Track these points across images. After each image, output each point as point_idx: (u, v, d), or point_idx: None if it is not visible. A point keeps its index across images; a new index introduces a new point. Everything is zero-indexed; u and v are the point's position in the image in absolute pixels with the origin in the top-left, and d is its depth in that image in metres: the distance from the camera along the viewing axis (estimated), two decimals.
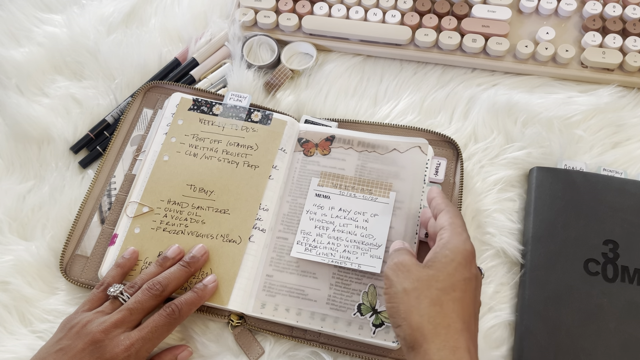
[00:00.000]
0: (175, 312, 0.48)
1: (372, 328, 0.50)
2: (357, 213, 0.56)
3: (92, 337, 0.46)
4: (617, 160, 0.60)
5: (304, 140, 0.61)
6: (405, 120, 0.64)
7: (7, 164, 0.63)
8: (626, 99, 0.64)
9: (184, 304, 0.49)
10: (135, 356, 0.46)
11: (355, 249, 0.54)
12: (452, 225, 0.45)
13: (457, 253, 0.43)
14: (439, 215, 0.48)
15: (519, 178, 0.60)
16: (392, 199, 0.56)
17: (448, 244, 0.44)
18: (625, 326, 0.51)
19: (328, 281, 0.53)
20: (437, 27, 0.67)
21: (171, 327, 0.49)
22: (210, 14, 0.70)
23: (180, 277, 0.51)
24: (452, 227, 0.45)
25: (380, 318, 0.50)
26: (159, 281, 0.50)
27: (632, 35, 0.64)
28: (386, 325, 0.50)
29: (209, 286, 0.52)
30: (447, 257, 0.43)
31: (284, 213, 0.57)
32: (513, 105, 0.63)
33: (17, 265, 0.57)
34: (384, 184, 0.57)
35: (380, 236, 0.54)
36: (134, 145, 0.62)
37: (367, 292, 0.52)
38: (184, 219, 0.56)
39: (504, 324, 0.54)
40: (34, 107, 0.65)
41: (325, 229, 0.56)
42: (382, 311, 0.51)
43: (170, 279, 0.51)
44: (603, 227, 0.55)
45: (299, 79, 0.67)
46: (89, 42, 0.68)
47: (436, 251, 0.44)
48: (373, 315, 0.51)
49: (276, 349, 0.53)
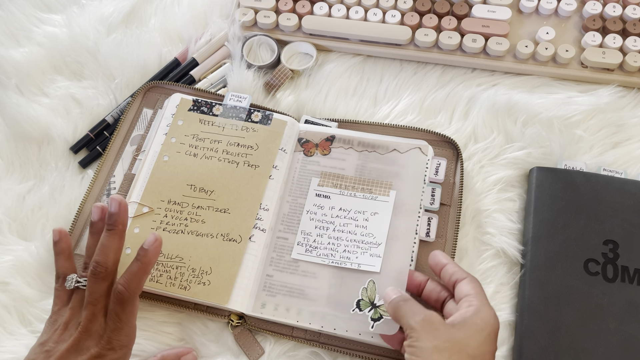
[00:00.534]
0: (124, 293, 0.45)
1: (371, 322, 0.50)
2: (357, 212, 0.56)
3: None
4: (617, 160, 0.60)
5: (304, 140, 0.61)
6: (405, 120, 0.64)
7: (7, 164, 0.63)
8: (626, 99, 0.64)
9: (129, 280, 0.46)
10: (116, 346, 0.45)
11: (355, 249, 0.54)
12: (480, 296, 0.45)
13: (489, 325, 0.44)
14: (460, 282, 0.47)
15: (519, 178, 0.60)
16: (393, 197, 0.56)
17: (480, 313, 0.44)
18: (625, 326, 0.51)
19: (328, 281, 0.53)
20: (437, 27, 0.67)
21: (129, 306, 0.46)
22: (210, 14, 0.70)
23: (114, 243, 0.47)
24: (481, 298, 0.45)
25: (379, 312, 0.50)
26: (97, 261, 0.46)
27: (632, 35, 0.64)
28: (385, 318, 0.50)
29: (150, 249, 0.47)
30: (479, 326, 0.43)
31: (284, 213, 0.57)
32: (513, 105, 0.63)
33: (16, 266, 0.57)
34: (384, 183, 0.57)
35: (380, 234, 0.54)
36: (133, 145, 0.62)
37: (366, 288, 0.52)
38: (184, 219, 0.56)
39: (504, 324, 0.54)
40: (34, 107, 0.65)
41: (326, 229, 0.56)
42: (381, 305, 0.51)
43: (106, 250, 0.47)
44: (603, 227, 0.55)
45: (299, 79, 0.67)
46: (89, 42, 0.68)
47: (466, 317, 0.44)
48: (372, 309, 0.51)
49: (276, 349, 0.53)
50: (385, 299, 0.48)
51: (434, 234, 0.56)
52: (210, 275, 0.53)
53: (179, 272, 0.53)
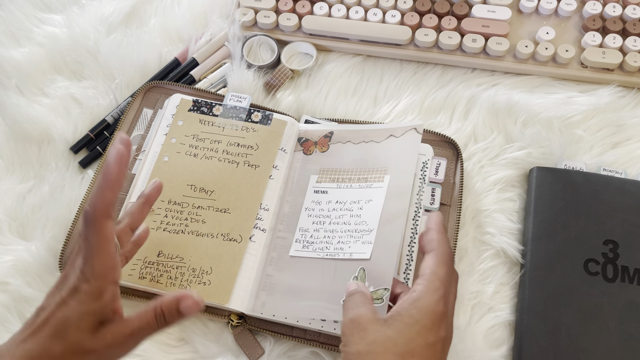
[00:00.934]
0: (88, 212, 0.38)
1: None
2: (352, 202, 0.55)
3: None
4: (617, 160, 0.60)
5: (304, 139, 0.61)
6: (405, 121, 0.64)
7: (7, 164, 0.63)
8: (626, 99, 0.64)
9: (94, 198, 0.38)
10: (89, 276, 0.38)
11: (348, 238, 0.53)
12: (431, 277, 0.41)
13: (425, 314, 0.39)
14: (426, 255, 0.43)
15: (519, 178, 0.60)
16: (386, 182, 0.55)
17: (418, 301, 0.40)
18: (625, 326, 0.51)
19: (322, 274, 0.53)
20: (437, 27, 0.67)
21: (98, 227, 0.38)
22: (210, 14, 0.70)
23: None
24: (430, 281, 0.41)
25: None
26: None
27: (632, 35, 0.64)
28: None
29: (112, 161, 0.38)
30: (412, 318, 0.39)
31: (284, 213, 0.57)
32: (513, 105, 0.63)
33: (17, 266, 0.57)
34: (379, 169, 0.56)
35: (372, 220, 0.53)
36: (133, 145, 0.62)
37: (357, 277, 0.51)
38: (184, 219, 0.56)
39: (504, 324, 0.54)
40: (34, 107, 0.65)
41: (322, 224, 0.55)
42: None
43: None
44: (603, 227, 0.55)
45: (299, 79, 0.67)
46: (89, 42, 0.68)
47: (403, 307, 0.40)
48: None
49: (276, 349, 0.53)
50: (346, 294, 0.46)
51: None
52: (210, 275, 0.53)
53: (179, 272, 0.53)
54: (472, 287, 0.55)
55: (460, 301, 0.55)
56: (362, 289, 0.45)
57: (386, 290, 0.47)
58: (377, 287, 0.48)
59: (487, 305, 0.55)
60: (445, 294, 0.41)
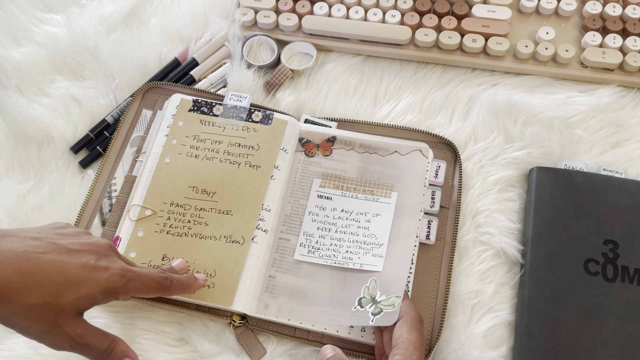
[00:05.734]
0: (167, 280, 0.48)
1: (371, 317, 0.50)
2: (359, 214, 0.56)
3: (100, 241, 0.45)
4: (617, 160, 0.60)
5: (305, 140, 0.61)
6: (405, 120, 0.64)
7: (7, 164, 0.63)
8: (626, 99, 0.64)
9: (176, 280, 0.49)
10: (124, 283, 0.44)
11: (357, 249, 0.54)
12: (406, 345, 0.45)
13: None
14: (397, 322, 0.47)
15: (519, 178, 0.60)
16: (394, 199, 0.56)
17: None
18: (625, 326, 0.51)
19: (330, 281, 0.53)
20: (437, 27, 0.67)
21: (157, 289, 0.47)
22: (210, 14, 0.70)
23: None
24: (406, 348, 0.45)
25: (380, 307, 0.50)
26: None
27: (632, 35, 0.64)
28: (384, 312, 0.49)
29: (199, 281, 0.52)
30: None
31: (286, 214, 0.57)
32: (513, 105, 0.63)
33: None
34: (385, 185, 0.57)
35: (382, 235, 0.55)
36: (133, 147, 0.62)
37: (368, 287, 0.52)
38: (187, 221, 0.56)
39: (504, 324, 0.54)
40: (34, 107, 0.65)
41: (328, 230, 0.56)
42: (382, 300, 0.50)
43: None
44: (603, 227, 0.55)
45: (299, 79, 0.67)
46: (89, 42, 0.68)
47: None
48: (372, 305, 0.51)
49: (278, 348, 0.53)
50: (320, 358, 0.48)
51: (434, 236, 0.56)
52: (214, 277, 0.53)
53: None
54: (472, 287, 0.55)
55: (460, 301, 0.55)
56: (340, 355, 0.48)
57: (398, 297, 0.49)
58: (389, 295, 0.50)
59: (487, 305, 0.55)
60: (420, 356, 0.45)
